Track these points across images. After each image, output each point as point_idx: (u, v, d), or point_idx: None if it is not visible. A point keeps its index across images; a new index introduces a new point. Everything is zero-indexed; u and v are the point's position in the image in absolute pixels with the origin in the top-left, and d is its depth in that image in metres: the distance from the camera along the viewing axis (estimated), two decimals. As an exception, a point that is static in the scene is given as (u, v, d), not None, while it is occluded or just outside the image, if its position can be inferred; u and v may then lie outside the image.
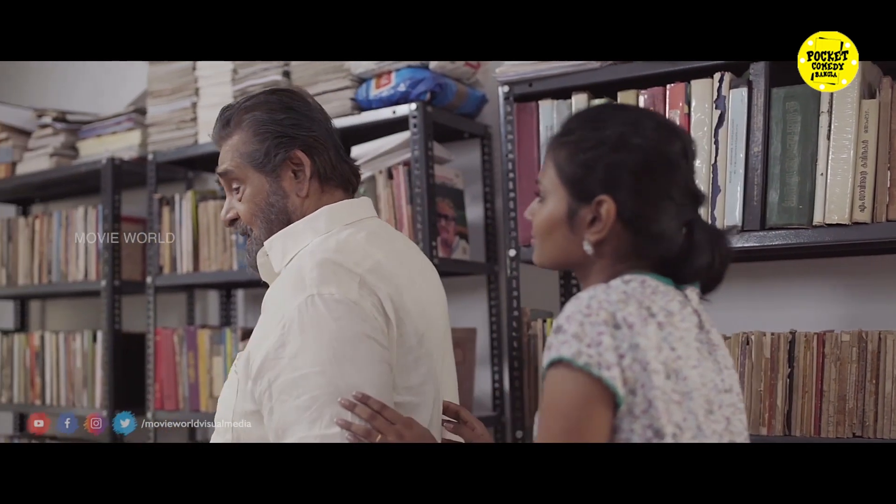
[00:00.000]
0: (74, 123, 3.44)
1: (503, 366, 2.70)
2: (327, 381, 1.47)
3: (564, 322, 1.22)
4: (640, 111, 1.46)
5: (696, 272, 1.33)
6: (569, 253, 1.35)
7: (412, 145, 2.44)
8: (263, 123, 1.68)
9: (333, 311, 1.49)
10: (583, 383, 1.19)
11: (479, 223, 2.75)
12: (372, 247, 1.60)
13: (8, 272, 3.60)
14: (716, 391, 1.28)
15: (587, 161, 1.32)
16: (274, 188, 1.68)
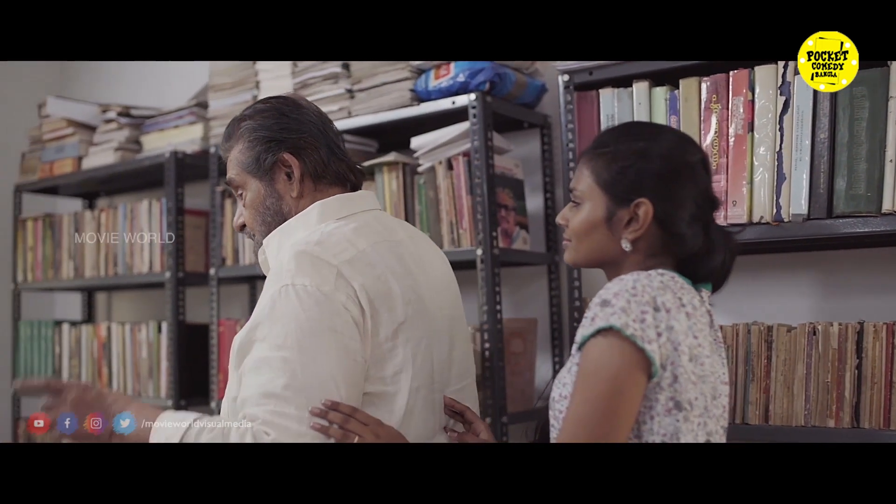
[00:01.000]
0: (138, 118, 3.50)
1: (564, 356, 2.69)
2: (289, 370, 1.54)
3: (612, 297, 1.38)
4: (663, 127, 1.66)
5: (710, 270, 1.52)
6: (606, 251, 1.53)
7: (472, 136, 2.44)
8: (254, 131, 1.78)
9: (304, 302, 1.57)
10: (629, 351, 1.35)
11: (539, 213, 2.74)
12: (358, 238, 1.68)
13: (75, 265, 3.67)
14: (720, 382, 1.46)
15: (623, 169, 1.51)
16: (269, 191, 1.78)
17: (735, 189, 2.06)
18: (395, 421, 1.62)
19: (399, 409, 1.63)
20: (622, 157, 1.51)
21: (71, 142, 3.67)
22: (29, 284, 3.87)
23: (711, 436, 1.44)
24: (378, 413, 1.61)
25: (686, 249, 1.51)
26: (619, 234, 1.51)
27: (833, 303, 2.29)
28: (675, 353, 1.37)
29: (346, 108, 2.73)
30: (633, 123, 1.66)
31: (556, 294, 2.71)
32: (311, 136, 1.78)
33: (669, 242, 1.51)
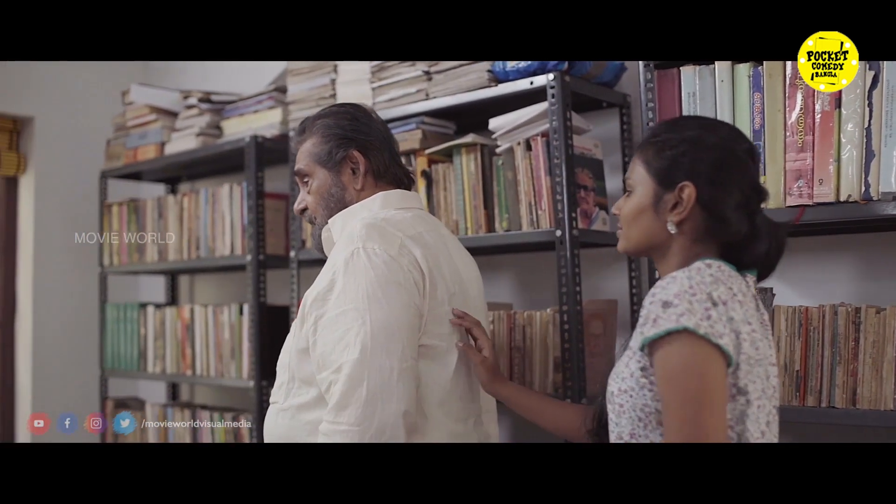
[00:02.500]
0: (218, 104, 3.55)
1: (644, 338, 2.66)
2: (360, 316, 1.79)
3: (673, 298, 1.44)
4: (715, 120, 1.71)
5: (755, 258, 1.57)
6: (653, 234, 1.60)
7: (550, 116, 2.42)
8: (329, 128, 2.04)
9: (373, 261, 1.82)
10: (707, 349, 1.41)
11: (619, 193, 2.71)
12: (417, 222, 1.97)
13: (159, 248, 3.74)
14: (769, 363, 1.52)
15: (672, 156, 1.58)
16: (335, 181, 2.04)
17: (821, 167, 2.01)
18: (447, 373, 1.90)
19: (451, 363, 1.91)
20: (671, 146, 1.59)
21: (154, 128, 3.74)
22: (115, 268, 3.96)
23: (770, 415, 1.51)
24: (434, 364, 1.88)
25: (730, 235, 1.56)
26: (665, 218, 1.58)
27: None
28: (737, 341, 1.44)
29: (423, 90, 2.73)
30: (687, 116, 1.71)
31: (636, 275, 2.68)
32: (378, 140, 2.06)
33: (714, 227, 1.56)
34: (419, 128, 2.74)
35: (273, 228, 3.35)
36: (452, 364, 1.91)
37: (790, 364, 2.06)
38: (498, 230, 2.56)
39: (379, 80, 2.84)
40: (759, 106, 2.10)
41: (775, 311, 2.09)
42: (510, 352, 2.55)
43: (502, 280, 3.03)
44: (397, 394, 1.76)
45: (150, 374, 3.76)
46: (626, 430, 1.52)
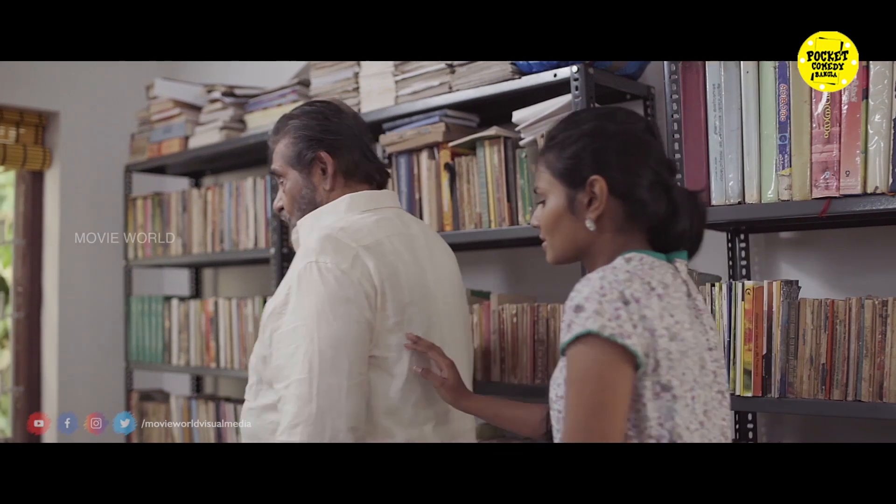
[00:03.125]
0: (242, 97, 3.56)
1: (668, 331, 2.65)
2: (308, 334, 1.85)
3: (584, 302, 1.43)
4: (600, 107, 1.68)
5: (680, 234, 1.56)
6: (576, 237, 1.60)
7: (574, 108, 2.41)
8: (298, 129, 2.10)
9: (324, 276, 1.87)
10: (610, 350, 1.40)
11: (643, 186, 2.70)
12: (378, 229, 1.99)
13: (183, 242, 3.76)
14: (705, 349, 1.51)
15: (574, 153, 1.57)
16: (306, 182, 2.09)
17: (848, 159, 2.00)
18: (398, 383, 1.94)
19: (401, 374, 1.94)
20: (569, 144, 1.59)
21: (178, 122, 3.76)
22: (139, 261, 3.99)
23: (707, 404, 1.49)
24: (384, 374, 1.93)
25: (650, 216, 1.55)
26: (583, 217, 1.57)
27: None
28: (652, 339, 1.42)
29: (446, 82, 2.73)
30: (574, 112, 1.71)
31: (660, 268, 2.67)
32: (347, 138, 2.09)
33: (632, 213, 1.56)
34: (442, 120, 2.74)
35: (296, 222, 3.36)
36: (403, 374, 1.94)
37: (816, 357, 2.05)
38: (521, 223, 2.56)
39: (402, 73, 2.85)
40: (784, 97, 2.09)
41: (801, 305, 2.08)
42: (533, 345, 2.55)
43: (526, 273, 3.02)
44: (346, 411, 1.84)
45: (174, 366, 3.79)
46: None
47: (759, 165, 2.12)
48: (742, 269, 2.48)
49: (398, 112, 2.87)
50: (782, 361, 2.10)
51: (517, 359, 2.58)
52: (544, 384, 2.51)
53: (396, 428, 1.94)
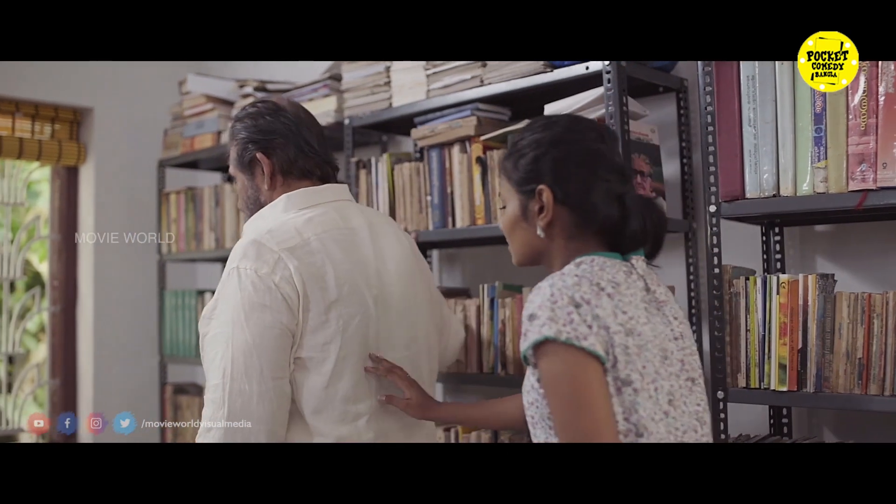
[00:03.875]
0: (274, 92, 3.57)
1: (702, 325, 2.64)
2: (224, 341, 1.90)
3: (537, 310, 1.49)
4: (558, 117, 1.73)
5: (632, 237, 1.61)
6: (530, 242, 1.68)
7: (606, 101, 2.40)
8: (236, 133, 2.15)
9: (242, 282, 1.91)
10: (571, 354, 1.46)
11: (676, 179, 2.69)
12: (306, 228, 1.99)
13: (216, 236, 3.78)
14: (668, 340, 1.56)
15: (524, 164, 1.65)
16: (250, 184, 2.14)
17: (885, 150, 1.97)
18: (321, 382, 1.94)
19: (326, 372, 1.94)
20: (522, 154, 1.66)
21: (210, 117, 3.78)
22: (172, 255, 4.02)
23: (673, 394, 1.53)
24: (309, 374, 1.94)
25: (600, 223, 1.62)
26: (535, 224, 1.65)
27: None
28: (608, 336, 1.48)
29: (478, 76, 2.72)
30: (537, 118, 1.76)
31: (694, 262, 2.66)
32: (282, 136, 2.11)
33: (582, 220, 1.62)
34: (474, 114, 2.74)
35: (328, 216, 3.37)
36: (328, 372, 1.95)
37: (852, 352, 2.03)
38: (554, 216, 2.55)
39: (433, 66, 2.84)
40: (820, 89, 2.06)
41: (837, 298, 2.06)
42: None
43: (557, 267, 3.02)
44: (257, 415, 1.88)
45: (208, 360, 3.80)
46: (542, 438, 1.58)
47: (795, 158, 2.10)
48: (777, 262, 2.46)
49: (430, 106, 2.87)
50: (818, 356, 2.08)
51: (549, 353, 2.57)
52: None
53: (326, 426, 1.96)
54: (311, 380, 1.95)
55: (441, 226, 2.82)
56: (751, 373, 2.18)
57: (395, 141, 3.50)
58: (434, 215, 2.84)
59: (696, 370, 1.61)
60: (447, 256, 3.38)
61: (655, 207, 1.65)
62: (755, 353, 2.17)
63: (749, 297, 2.18)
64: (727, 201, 2.20)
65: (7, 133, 4.00)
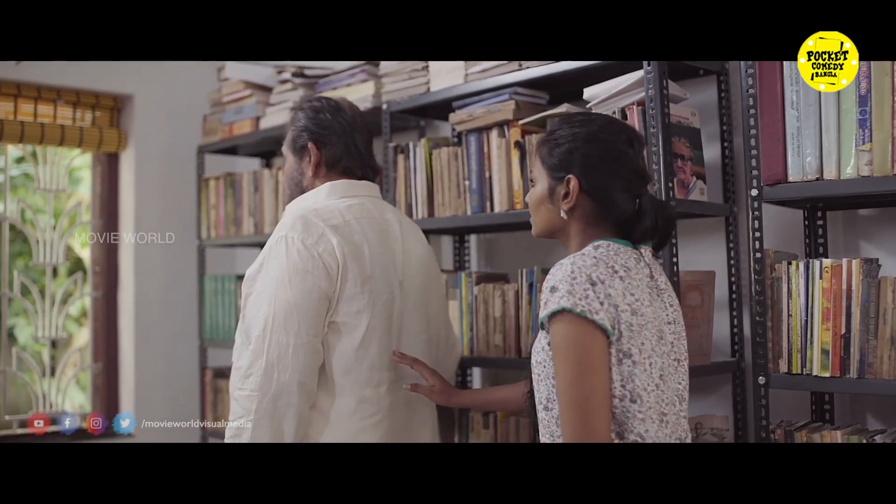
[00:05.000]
0: (312, 78, 3.58)
1: (742, 310, 2.62)
2: (269, 298, 2.14)
3: (558, 283, 1.69)
4: (597, 115, 1.95)
5: (644, 232, 1.81)
6: (553, 222, 1.87)
7: (646, 84, 2.38)
8: (297, 120, 2.41)
9: (290, 249, 2.15)
10: (582, 324, 1.66)
11: (717, 163, 2.66)
12: (348, 212, 2.25)
13: (255, 221, 3.80)
14: (664, 323, 1.78)
15: (560, 153, 1.83)
16: (297, 166, 2.40)
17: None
18: (353, 345, 2.18)
19: (357, 338, 2.18)
20: (559, 143, 1.84)
21: (249, 103, 3.80)
22: (212, 241, 4.05)
23: (664, 370, 1.74)
24: (342, 338, 2.18)
25: (617, 216, 1.81)
26: (559, 207, 1.83)
27: None
28: (616, 313, 1.68)
29: (516, 60, 2.71)
30: (578, 112, 1.96)
31: (735, 246, 2.64)
32: (335, 134, 2.36)
33: (601, 211, 1.81)
34: (512, 98, 2.73)
35: (366, 201, 3.37)
36: (358, 338, 2.18)
37: (897, 336, 2.01)
38: (593, 201, 2.53)
39: (471, 51, 2.83)
40: (864, 70, 2.03)
41: (881, 283, 2.04)
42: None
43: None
44: (292, 366, 2.11)
45: (247, 344, 3.83)
46: (544, 395, 1.77)
47: (839, 140, 2.07)
48: (819, 246, 2.43)
49: (468, 90, 2.86)
50: (861, 341, 2.05)
51: (588, 338, 2.56)
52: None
53: (351, 386, 2.19)
54: (343, 342, 2.18)
55: (479, 210, 2.82)
56: (793, 358, 2.16)
57: (433, 126, 3.50)
58: (472, 200, 2.84)
59: (683, 353, 1.82)
60: (485, 241, 3.38)
61: (667, 209, 1.85)
62: (797, 339, 2.15)
63: (791, 281, 2.16)
64: (769, 185, 2.18)
65: (49, 120, 4.04)
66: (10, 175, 4.18)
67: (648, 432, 1.70)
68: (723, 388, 2.68)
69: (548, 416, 1.77)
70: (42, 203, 4.14)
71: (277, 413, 2.11)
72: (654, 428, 1.71)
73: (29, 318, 4.13)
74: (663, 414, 1.73)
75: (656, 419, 1.71)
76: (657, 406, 1.72)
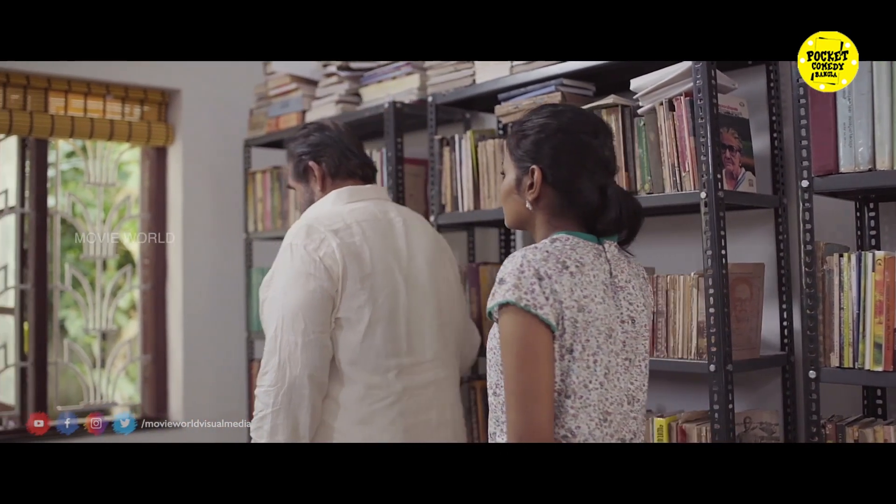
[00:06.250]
0: (357, 71, 3.59)
1: (792, 303, 2.58)
2: (280, 301, 2.36)
3: (506, 276, 1.73)
4: (564, 106, 1.96)
5: (608, 223, 1.82)
6: (519, 212, 1.90)
7: (694, 74, 2.36)
8: (292, 151, 2.68)
9: (294, 256, 2.38)
10: (527, 318, 1.69)
11: (766, 154, 2.63)
12: (350, 216, 2.46)
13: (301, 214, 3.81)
14: (616, 321, 1.79)
15: (525, 144, 1.87)
16: (306, 189, 2.65)
17: None
18: (357, 338, 2.37)
19: (360, 331, 2.37)
20: (525, 135, 1.88)
21: (295, 97, 3.82)
22: (259, 234, 4.07)
23: (610, 368, 1.76)
24: (345, 332, 2.37)
25: (581, 207, 1.82)
26: (525, 197, 1.86)
27: None
28: (561, 308, 1.70)
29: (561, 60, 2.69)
30: (544, 105, 1.97)
31: (784, 238, 2.60)
32: (328, 146, 2.61)
33: (565, 202, 1.83)
34: (558, 90, 2.71)
35: (413, 193, 3.38)
36: (362, 331, 2.37)
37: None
38: (640, 192, 2.52)
39: (517, 42, 2.82)
40: (919, 58, 1.99)
41: (936, 275, 2.00)
42: (652, 316, 2.51)
43: (644, 243, 2.96)
44: (302, 361, 2.31)
45: (293, 337, 3.85)
46: (493, 381, 1.82)
47: (892, 130, 2.04)
48: (871, 238, 2.39)
49: (514, 82, 2.85)
50: (916, 334, 2.02)
51: (635, 331, 2.54)
52: (665, 357, 2.47)
53: (359, 374, 2.38)
54: (348, 336, 2.37)
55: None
56: (844, 352, 2.13)
57: (479, 118, 3.49)
58: (518, 192, 2.82)
59: (640, 353, 1.85)
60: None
61: (632, 200, 1.87)
62: (849, 332, 2.12)
63: (843, 274, 2.13)
64: (820, 176, 2.15)
65: (98, 115, 4.09)
66: (61, 169, 4.24)
67: (580, 429, 1.72)
68: (772, 382, 2.65)
69: (495, 402, 1.82)
70: (92, 197, 4.20)
71: (292, 405, 2.31)
72: (590, 426, 1.73)
73: (80, 311, 4.19)
74: (606, 413, 1.75)
75: (595, 417, 1.74)
76: (599, 404, 1.74)
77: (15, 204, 3.93)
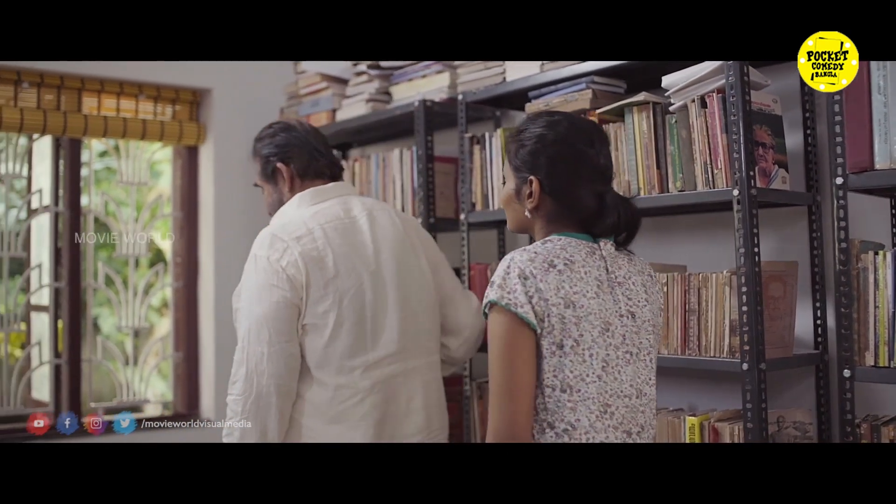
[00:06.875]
0: (387, 69, 3.59)
1: (826, 301, 2.56)
2: (247, 312, 2.41)
3: (495, 278, 1.81)
4: (560, 115, 1.98)
5: (606, 228, 1.88)
6: (520, 219, 1.96)
7: (726, 71, 2.34)
8: (259, 150, 2.69)
9: (258, 267, 2.42)
10: (508, 317, 1.77)
11: (799, 151, 2.61)
12: (312, 220, 2.48)
13: (332, 213, 3.82)
14: (614, 315, 1.83)
15: (524, 154, 1.92)
16: (274, 189, 2.67)
17: None
18: (322, 343, 2.41)
19: (325, 336, 2.41)
20: (523, 144, 1.93)
21: (325, 95, 3.83)
22: (290, 232, 4.08)
23: (609, 361, 1.81)
24: (311, 337, 2.41)
25: (578, 213, 1.88)
26: (525, 205, 1.93)
27: None
28: (547, 306, 1.76)
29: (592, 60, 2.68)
30: (540, 112, 2.01)
31: (818, 235, 2.58)
32: (296, 147, 2.63)
33: (563, 210, 1.89)
34: (589, 87, 2.71)
35: (443, 191, 3.38)
36: (326, 336, 2.40)
37: None
38: (672, 190, 2.50)
39: (547, 40, 2.81)
40: (956, 54, 1.97)
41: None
42: (684, 314, 2.49)
43: (676, 241, 2.96)
44: (268, 371, 2.36)
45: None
46: None
47: (928, 127, 2.02)
48: (907, 236, 2.37)
49: (544, 80, 2.84)
50: (952, 333, 1.99)
51: (667, 329, 2.53)
52: (697, 356, 2.46)
53: (325, 376, 2.42)
54: (313, 341, 2.41)
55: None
56: (879, 351, 2.11)
57: (509, 116, 3.48)
58: (548, 190, 2.82)
59: (642, 347, 1.87)
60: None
61: (630, 205, 1.91)
62: (884, 331, 2.10)
63: (878, 272, 2.11)
64: (854, 173, 2.13)
65: (131, 115, 4.12)
66: (94, 169, 4.28)
67: (580, 421, 1.77)
68: (805, 381, 2.63)
69: None
70: (124, 196, 4.23)
71: (260, 412, 2.37)
72: (590, 418, 1.77)
73: (112, 308, 4.23)
74: (606, 405, 1.79)
75: (595, 409, 1.78)
76: (599, 397, 1.79)
77: (49, 203, 3.97)
